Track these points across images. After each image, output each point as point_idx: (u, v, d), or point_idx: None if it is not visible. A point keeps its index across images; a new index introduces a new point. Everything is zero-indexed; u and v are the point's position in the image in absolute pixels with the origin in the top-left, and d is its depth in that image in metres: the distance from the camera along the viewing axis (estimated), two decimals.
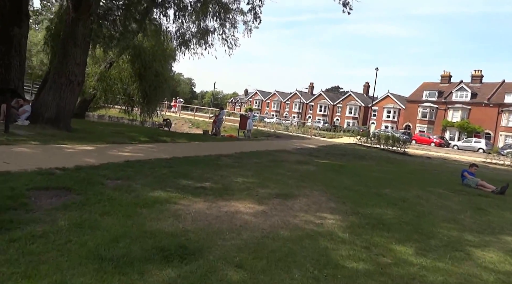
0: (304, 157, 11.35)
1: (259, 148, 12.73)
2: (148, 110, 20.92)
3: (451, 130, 49.57)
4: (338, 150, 16.72)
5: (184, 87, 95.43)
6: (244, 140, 15.70)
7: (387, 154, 18.58)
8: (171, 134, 14.08)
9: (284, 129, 31.50)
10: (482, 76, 52.02)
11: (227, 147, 12.09)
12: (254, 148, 12.22)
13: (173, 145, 10.22)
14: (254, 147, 13.03)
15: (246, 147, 12.44)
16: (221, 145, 12.39)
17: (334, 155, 13.81)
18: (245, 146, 12.95)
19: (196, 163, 7.30)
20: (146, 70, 19.72)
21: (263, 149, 12.44)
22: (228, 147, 12.13)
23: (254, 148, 12.50)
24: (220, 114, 18.06)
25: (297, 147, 15.80)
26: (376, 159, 13.98)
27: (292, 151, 13.10)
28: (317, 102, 69.13)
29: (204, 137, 15.00)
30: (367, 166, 11.00)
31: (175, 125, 28.77)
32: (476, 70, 52.48)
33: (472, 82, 51.92)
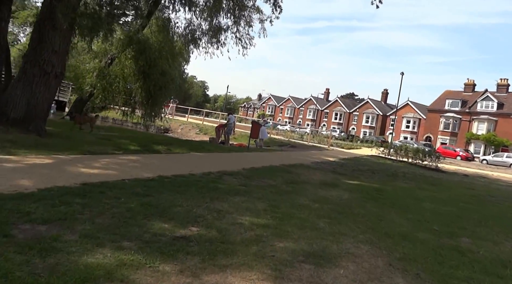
0: (329, 175, 9.21)
1: (273, 161, 10.65)
2: (152, 113, 19.05)
3: (476, 143, 46.44)
4: (363, 165, 14.49)
5: (197, 90, 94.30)
6: (255, 151, 13.64)
7: (418, 169, 16.23)
8: (170, 141, 12.15)
9: (299, 138, 29.34)
10: (508, 85, 48.74)
11: (234, 160, 10.06)
12: (267, 162, 10.15)
13: (166, 157, 8.25)
14: (267, 160, 10.97)
15: (258, 160, 10.39)
16: (227, 157, 10.36)
17: (361, 171, 11.61)
18: (256, 159, 10.90)
19: (187, 186, 5.27)
20: (151, 68, 17.91)
21: (278, 162, 10.36)
22: (235, 160, 10.10)
23: (267, 161, 10.44)
24: (229, 120, 16.02)
25: (316, 160, 13.65)
26: (412, 178, 11.71)
27: (312, 166, 10.97)
28: (332, 110, 66.69)
29: (209, 146, 13.03)
30: (408, 189, 8.77)
31: (181, 130, 26.99)
32: (502, 79, 49.26)
33: (498, 91, 48.71)
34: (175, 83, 20.86)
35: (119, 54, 17.13)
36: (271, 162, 10.27)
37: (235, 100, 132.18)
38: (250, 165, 8.93)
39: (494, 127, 45.64)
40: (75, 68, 16.63)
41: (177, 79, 21.54)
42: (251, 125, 14.03)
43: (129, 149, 8.65)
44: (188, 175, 6.28)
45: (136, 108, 20.25)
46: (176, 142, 12.54)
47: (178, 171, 6.54)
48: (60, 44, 7.85)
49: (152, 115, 19.54)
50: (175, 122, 28.51)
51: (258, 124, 14.44)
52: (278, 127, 45.00)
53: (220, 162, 8.79)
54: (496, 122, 45.58)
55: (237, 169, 7.86)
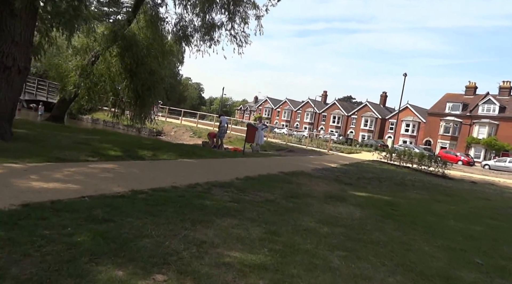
0: (333, 185, 8.19)
1: (271, 168, 9.62)
2: (141, 114, 17.95)
3: (476, 147, 45.69)
4: (367, 171, 13.49)
5: (192, 92, 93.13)
6: (251, 156, 12.60)
7: (425, 176, 15.26)
8: (159, 146, 11.09)
9: (297, 142, 28.34)
10: (511, 88, 48.01)
11: (227, 167, 9.01)
12: (263, 169, 9.11)
13: (149, 165, 7.18)
14: (263, 167, 9.93)
15: (253, 168, 9.35)
16: (219, 164, 9.31)
17: (367, 180, 10.60)
18: (252, 166, 9.86)
19: (164, 205, 4.22)
20: (139, 66, 16.87)
21: (276, 170, 9.32)
22: (229, 167, 9.05)
23: (263, 169, 9.40)
24: (220, 122, 14.94)
25: (317, 166, 12.64)
26: (422, 187, 10.71)
27: (313, 174, 9.94)
28: (330, 113, 65.83)
29: (202, 151, 11.98)
30: (423, 202, 7.76)
31: (175, 133, 25.92)
32: (505, 82, 48.55)
33: (500, 94, 48.01)
34: (165, 83, 19.79)
35: (103, 51, 16.06)
36: (269, 170, 9.23)
37: (231, 102, 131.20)
38: (245, 173, 7.90)
39: (495, 131, 44.92)
40: (57, 67, 15.52)
41: (167, 79, 20.47)
42: (247, 128, 13.01)
43: (108, 154, 7.58)
44: (170, 188, 5.23)
45: (126, 109, 19.21)
46: (165, 146, 11.47)
47: (160, 182, 5.49)
48: (22, 34, 6.79)
49: (141, 117, 18.48)
50: (168, 125, 27.44)
51: (254, 127, 13.41)
52: (275, 130, 44.02)
53: (211, 170, 7.74)
54: (498, 126, 44.86)
55: (229, 179, 6.82)
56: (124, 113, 19.17)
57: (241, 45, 18.56)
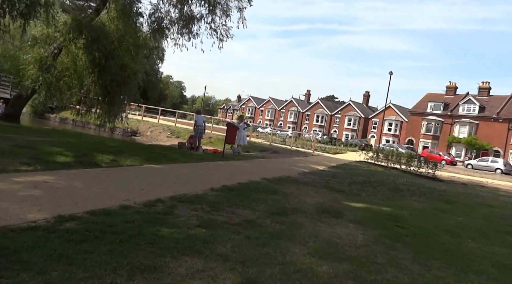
0: (324, 194, 7.07)
1: (253, 174, 8.43)
2: (110, 113, 16.35)
3: (457, 146, 46.05)
4: (356, 174, 12.51)
5: (173, 90, 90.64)
6: (231, 159, 11.38)
7: (415, 178, 14.46)
8: (124, 148, 9.69)
9: (281, 142, 27.29)
10: (490, 88, 48.73)
11: (202, 173, 7.76)
12: (244, 176, 7.91)
13: (101, 175, 5.83)
14: (245, 172, 8.73)
15: (233, 174, 8.14)
16: (193, 170, 8.05)
17: (359, 185, 9.58)
18: (231, 172, 8.63)
19: (96, 240, 2.94)
20: (108, 60, 15.26)
21: (259, 176, 8.14)
22: (204, 173, 7.80)
23: (244, 174, 8.20)
24: (196, 121, 13.63)
25: (303, 169, 11.55)
26: (418, 192, 9.78)
27: (301, 179, 8.82)
28: (313, 112, 65.31)
29: (175, 154, 10.66)
30: (427, 213, 6.75)
31: (151, 133, 24.35)
32: (484, 82, 49.25)
33: (479, 94, 48.62)
34: (139, 79, 18.27)
35: (67, 42, 14.42)
36: (250, 176, 8.04)
37: (214, 101, 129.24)
38: (222, 181, 6.68)
39: (475, 131, 45.38)
40: (13, 59, 13.80)
41: (141, 75, 18.93)
42: (226, 128, 11.75)
43: (52, 161, 6.18)
44: (118, 208, 3.95)
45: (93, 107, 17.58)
46: (133, 149, 10.09)
47: (106, 200, 4.20)
48: None
49: (111, 116, 16.90)
50: (144, 125, 25.82)
51: (234, 127, 12.16)
52: (258, 130, 42.92)
53: (182, 179, 6.46)
54: (478, 125, 45.33)
55: (202, 190, 5.59)
56: (91, 111, 17.53)
57: (222, 39, 17.33)
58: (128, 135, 24.22)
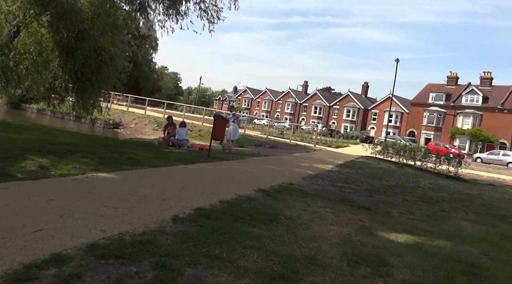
0: (346, 216, 4.94)
1: (244, 181, 6.28)
2: (83, 102, 14.06)
3: (461, 138, 44.16)
4: (371, 175, 10.42)
5: (168, 81, 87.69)
6: (219, 158, 9.19)
7: (437, 178, 12.42)
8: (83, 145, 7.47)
9: (278, 134, 25.12)
10: (492, 79, 46.65)
11: (169, 186, 5.58)
12: (232, 185, 5.76)
13: (19, 190, 3.64)
14: (232, 180, 6.55)
15: (216, 183, 5.94)
16: (159, 181, 5.86)
17: (382, 193, 7.47)
18: (214, 179, 6.43)
19: None
20: (79, 41, 12.92)
21: (252, 185, 5.99)
22: (172, 186, 5.61)
23: (233, 183, 6.04)
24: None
25: (308, 170, 9.41)
26: (457, 203, 7.70)
27: (307, 188, 6.68)
28: (311, 103, 63.06)
29: (148, 153, 8.46)
30: (501, 248, 4.63)
31: (135, 125, 22.04)
32: (486, 72, 47.16)
33: (482, 84, 46.52)
34: (117, 64, 15.88)
35: (27, 19, 12.05)
36: (240, 185, 5.90)
37: (210, 93, 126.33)
38: (196, 200, 4.53)
39: (479, 122, 43.47)
40: None
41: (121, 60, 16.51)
42: (214, 121, 9.47)
43: None
44: None
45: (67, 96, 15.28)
46: (92, 146, 7.87)
47: None
48: None
49: (86, 106, 14.60)
50: (129, 116, 23.47)
51: (223, 120, 9.91)
52: (255, 121, 40.70)
53: (127, 201, 4.23)
54: (482, 116, 43.39)
55: (156, 222, 3.45)
56: (64, 101, 15.22)
57: (213, 22, 15.04)
58: (110, 128, 21.92)
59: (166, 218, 3.66)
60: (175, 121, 13.10)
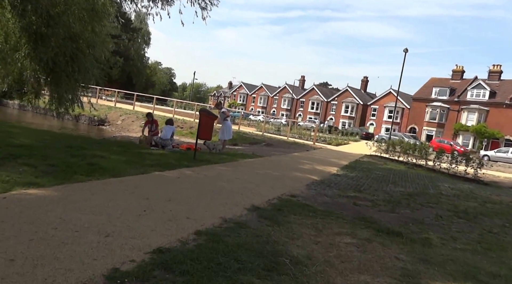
0: (374, 249, 3.49)
1: (234, 195, 4.80)
2: (60, 96, 12.50)
3: (464, 135, 42.87)
4: (383, 180, 9.00)
5: (162, 77, 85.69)
6: (205, 161, 7.70)
7: (456, 182, 11.04)
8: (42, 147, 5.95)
9: (275, 131, 23.64)
10: (501, 72, 44.98)
11: (136, 201, 4.07)
12: (218, 202, 4.28)
13: None
14: (220, 191, 5.04)
15: (197, 198, 4.43)
16: (123, 193, 4.36)
17: (407, 207, 6.04)
18: (196, 192, 4.91)
19: None
20: (51, 27, 11.35)
21: (244, 200, 4.53)
22: (139, 200, 4.11)
23: (219, 198, 4.54)
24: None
25: (311, 175, 7.96)
26: (496, 216, 6.29)
27: (315, 202, 5.23)
28: (308, 98, 61.54)
29: (120, 155, 6.97)
30: None
31: (122, 122, 20.46)
32: (495, 65, 45.52)
33: (489, 78, 45.00)
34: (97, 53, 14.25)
35: None
36: (226, 204, 4.43)
37: (205, 88, 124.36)
38: (159, 233, 3.06)
39: (485, 118, 42.11)
40: None
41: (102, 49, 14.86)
42: (199, 118, 7.90)
43: None
44: None
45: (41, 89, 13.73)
46: (50, 148, 6.36)
47: None
48: None
49: (62, 100, 13.02)
50: (115, 112, 21.86)
51: (211, 116, 8.38)
52: (250, 117, 39.20)
53: (60, 235, 2.77)
54: (488, 112, 42.03)
55: None
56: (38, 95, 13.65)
57: (206, 8, 13.46)
58: (95, 125, 20.33)
59: (97, 276, 2.19)
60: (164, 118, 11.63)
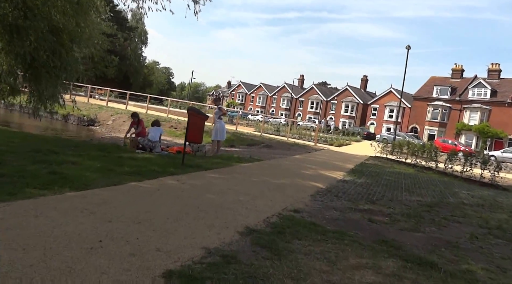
0: None
1: (222, 211, 3.82)
2: (39, 93, 11.54)
3: (467, 134, 42.00)
4: (395, 186, 8.06)
5: (159, 76, 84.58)
6: (197, 166, 6.73)
7: (472, 187, 10.11)
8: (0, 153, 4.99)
9: (275, 132, 22.69)
10: (500, 71, 44.30)
11: (92, 226, 3.09)
12: (201, 223, 3.29)
13: None
14: (207, 207, 4.05)
15: (176, 216, 3.42)
16: (80, 215, 3.39)
17: (430, 220, 5.10)
18: (177, 207, 3.91)
19: None
20: (29, 20, 10.40)
21: (235, 221, 3.56)
22: (97, 225, 3.13)
23: (203, 218, 3.54)
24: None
25: (315, 182, 7.01)
26: None
27: (322, 219, 4.27)
28: (308, 98, 60.61)
29: (96, 161, 6.00)
30: None
31: (113, 122, 19.46)
32: (494, 64, 44.80)
33: (489, 77, 44.22)
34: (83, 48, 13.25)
35: None
36: (213, 226, 3.46)
37: (204, 88, 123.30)
38: (110, 279, 2.09)
39: (487, 117, 41.27)
40: None
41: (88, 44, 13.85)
42: (188, 116, 6.87)
43: None
44: None
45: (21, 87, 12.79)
46: (9, 153, 5.40)
47: None
48: None
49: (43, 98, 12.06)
50: (106, 111, 20.85)
51: (201, 116, 7.35)
52: (249, 117, 38.27)
53: None
54: (490, 111, 41.19)
55: None
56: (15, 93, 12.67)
57: (198, 2, 12.59)
58: (84, 125, 19.33)
59: None
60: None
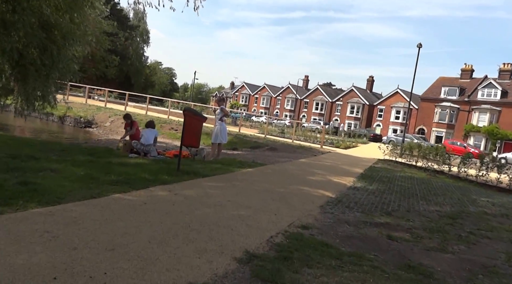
0: None
1: (218, 230, 3.18)
2: (26, 92, 10.99)
3: (476, 136, 41.00)
4: (411, 194, 7.37)
5: (162, 77, 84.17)
6: (194, 173, 6.09)
7: (490, 193, 9.39)
8: None
9: (279, 133, 22.03)
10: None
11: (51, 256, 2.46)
12: (190, 246, 2.64)
13: None
14: (199, 225, 3.40)
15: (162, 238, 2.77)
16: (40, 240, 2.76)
17: (456, 237, 4.41)
18: (164, 226, 3.25)
19: None
20: (17, 14, 9.88)
21: (233, 243, 2.92)
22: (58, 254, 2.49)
23: (194, 240, 2.89)
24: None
25: (324, 190, 6.35)
26: None
27: (334, 237, 3.61)
28: (312, 99, 59.87)
29: (91, 163, 5.39)
30: None
31: (111, 124, 18.91)
32: (505, 64, 43.70)
33: (500, 77, 43.14)
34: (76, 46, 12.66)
35: None
36: (205, 250, 2.82)
37: (207, 89, 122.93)
38: None
39: (497, 119, 40.25)
40: None
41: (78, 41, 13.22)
42: (183, 118, 6.22)
43: None
44: None
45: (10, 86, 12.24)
46: None
47: None
48: None
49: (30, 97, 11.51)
50: (104, 113, 20.31)
51: (198, 117, 6.72)
52: (252, 118, 37.66)
53: None
54: (500, 112, 40.17)
55: None
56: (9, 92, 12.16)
57: None
58: (81, 127, 18.81)
59: None
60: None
